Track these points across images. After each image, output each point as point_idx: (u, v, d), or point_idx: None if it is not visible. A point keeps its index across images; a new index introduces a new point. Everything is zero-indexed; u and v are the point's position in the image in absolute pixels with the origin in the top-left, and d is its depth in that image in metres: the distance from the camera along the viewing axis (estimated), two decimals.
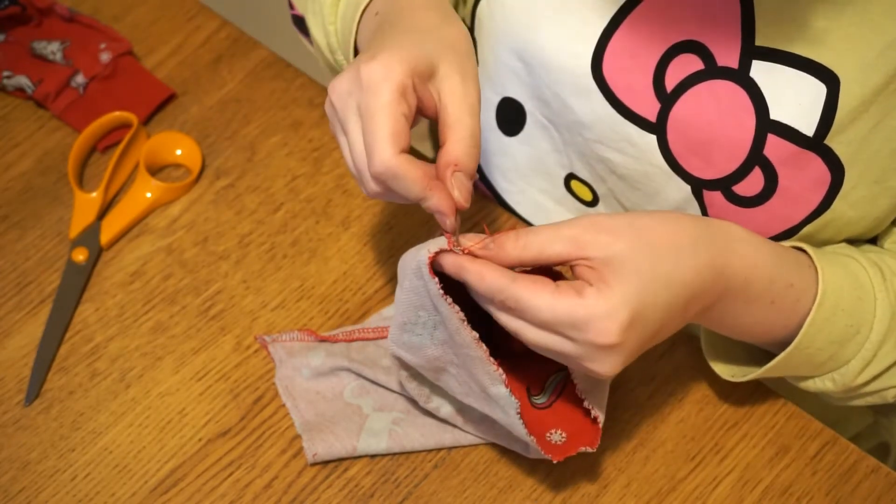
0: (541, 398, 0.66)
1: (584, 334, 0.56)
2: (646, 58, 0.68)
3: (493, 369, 0.61)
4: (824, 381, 0.67)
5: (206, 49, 0.93)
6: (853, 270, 0.65)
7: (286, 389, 0.74)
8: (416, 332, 0.63)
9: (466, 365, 0.62)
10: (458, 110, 0.59)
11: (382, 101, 0.56)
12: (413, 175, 0.57)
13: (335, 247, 0.82)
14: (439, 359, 0.64)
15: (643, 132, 0.70)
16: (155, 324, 0.78)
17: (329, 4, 0.74)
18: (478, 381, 0.63)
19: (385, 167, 0.56)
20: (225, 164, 0.86)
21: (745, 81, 0.65)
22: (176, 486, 0.71)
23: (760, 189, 0.66)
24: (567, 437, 0.65)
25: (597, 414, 0.64)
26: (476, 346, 0.60)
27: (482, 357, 0.60)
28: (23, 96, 0.90)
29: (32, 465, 0.72)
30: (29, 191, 0.85)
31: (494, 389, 0.62)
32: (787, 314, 0.64)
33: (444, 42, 0.61)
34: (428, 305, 0.61)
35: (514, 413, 0.62)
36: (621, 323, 0.55)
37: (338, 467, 0.72)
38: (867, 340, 0.64)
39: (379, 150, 0.56)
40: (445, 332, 0.62)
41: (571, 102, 0.72)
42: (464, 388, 0.65)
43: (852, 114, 0.62)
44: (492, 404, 0.64)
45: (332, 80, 0.79)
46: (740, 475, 0.72)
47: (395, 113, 0.56)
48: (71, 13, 0.92)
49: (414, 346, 0.64)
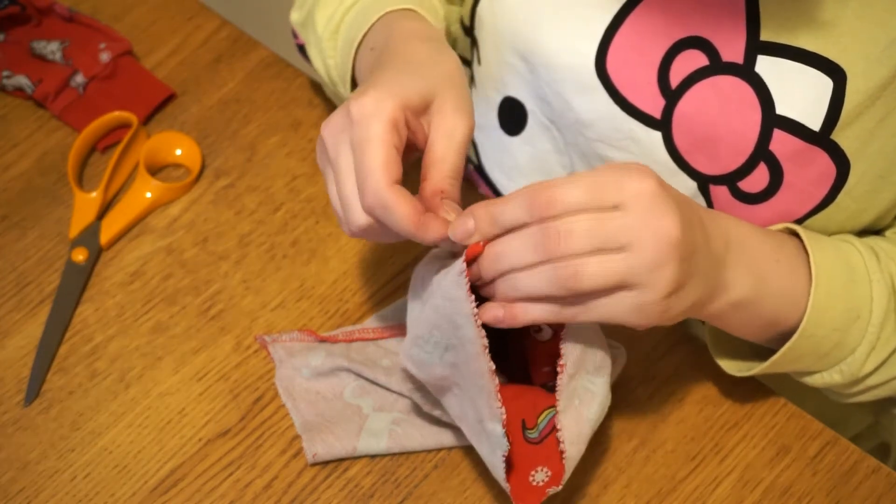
0: (534, 432, 0.65)
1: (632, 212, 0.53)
2: (650, 54, 0.68)
3: (497, 405, 0.59)
4: (832, 373, 0.67)
5: (205, 49, 0.93)
6: (845, 253, 0.65)
7: (286, 389, 0.74)
8: (425, 350, 0.62)
9: (471, 393, 0.61)
10: (444, 148, 0.59)
11: (374, 133, 0.56)
12: (405, 209, 0.56)
13: (335, 247, 0.82)
14: (445, 379, 0.63)
15: (648, 129, 0.70)
16: (155, 324, 0.78)
17: (327, 39, 0.75)
18: (476, 412, 0.62)
19: (377, 197, 0.56)
20: (225, 164, 0.86)
21: (750, 76, 0.65)
22: (176, 487, 0.71)
23: (766, 185, 0.67)
24: (551, 476, 0.63)
25: (563, 448, 0.62)
26: (490, 377, 0.59)
27: (491, 391, 0.59)
28: (22, 96, 0.90)
29: (32, 466, 0.72)
30: (29, 191, 0.85)
31: (491, 426, 0.61)
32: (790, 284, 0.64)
33: (437, 75, 0.61)
34: (444, 326, 0.60)
35: (501, 455, 0.61)
36: (670, 202, 0.54)
37: (338, 467, 0.72)
38: (869, 324, 0.64)
39: (372, 181, 0.56)
40: (457, 356, 0.60)
41: (574, 101, 0.72)
42: (461, 413, 0.64)
43: (858, 108, 0.62)
44: (480, 438, 0.63)
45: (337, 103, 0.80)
46: (740, 475, 0.72)
47: (388, 145, 0.56)
48: (70, 13, 0.92)
49: (422, 362, 0.63)
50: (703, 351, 0.76)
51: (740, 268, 0.61)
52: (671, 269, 0.54)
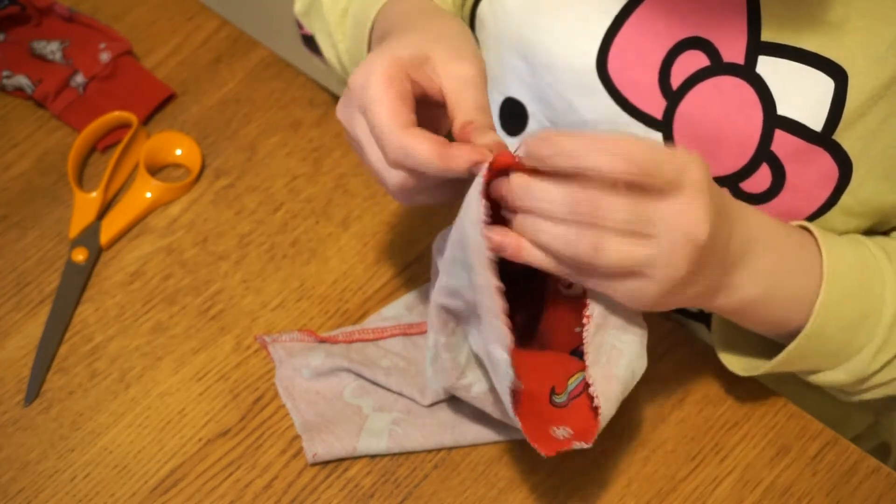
0: (561, 397, 0.63)
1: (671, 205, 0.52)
2: (651, 55, 0.68)
3: (499, 325, 0.56)
4: (837, 372, 0.67)
5: (205, 49, 0.93)
6: (860, 254, 0.65)
7: (286, 389, 0.74)
8: (453, 276, 0.59)
9: (484, 319, 0.58)
10: (456, 89, 0.59)
11: (372, 91, 0.57)
12: (424, 144, 0.55)
13: (335, 247, 0.82)
14: (474, 307, 0.59)
15: (649, 130, 0.70)
16: (155, 324, 0.78)
17: (335, 23, 0.74)
18: (485, 338, 0.58)
19: (395, 146, 0.56)
20: (225, 164, 0.86)
21: (751, 77, 0.65)
22: (176, 487, 0.71)
23: (768, 185, 0.66)
24: (572, 434, 0.61)
25: (598, 404, 0.60)
26: (493, 293, 0.55)
27: (493, 309, 0.56)
28: (22, 96, 0.90)
29: (32, 466, 0.72)
30: (28, 191, 0.85)
31: (497, 353, 0.57)
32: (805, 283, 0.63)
33: (430, 33, 0.61)
34: (460, 241, 0.57)
35: (507, 387, 0.58)
36: (710, 205, 0.52)
37: (338, 467, 0.72)
38: (878, 325, 0.64)
39: (385, 133, 0.56)
40: (472, 274, 0.56)
41: (575, 102, 0.72)
42: (481, 348, 0.61)
43: (861, 108, 0.62)
44: (494, 371, 0.60)
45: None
46: (741, 475, 0.72)
47: (389, 96, 0.57)
48: (70, 13, 0.92)
49: (455, 290, 0.60)
50: (703, 351, 0.76)
51: (755, 269, 0.61)
52: (683, 269, 0.54)
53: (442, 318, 0.63)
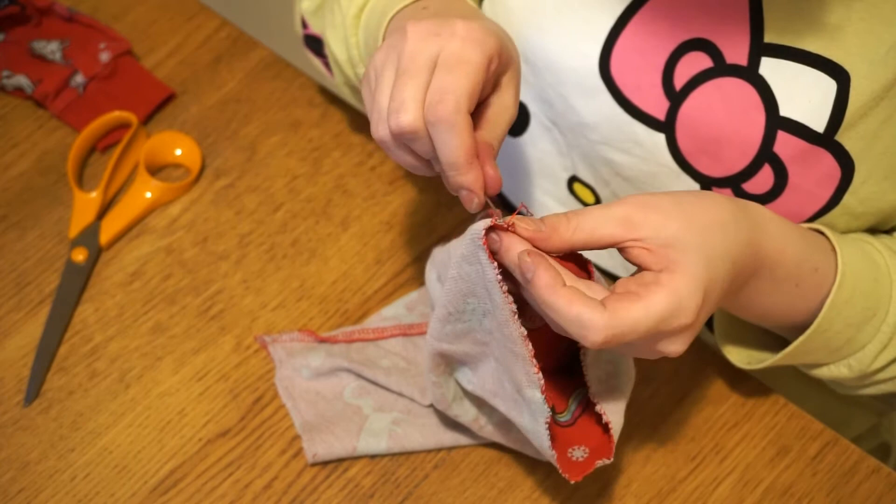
0: (565, 416, 0.64)
1: (675, 321, 0.54)
2: (654, 56, 0.68)
3: (532, 371, 0.58)
4: (839, 367, 0.67)
5: (205, 49, 0.93)
6: (869, 253, 0.65)
7: (286, 390, 0.74)
8: (463, 320, 0.61)
9: (507, 362, 0.60)
10: (502, 108, 0.61)
11: (475, 58, 0.57)
12: (469, 140, 0.57)
13: (335, 247, 0.82)
14: (487, 345, 0.62)
15: (651, 131, 0.69)
16: (155, 324, 0.78)
17: (352, 16, 0.74)
18: (514, 381, 0.60)
19: (449, 114, 0.56)
20: (225, 163, 0.86)
21: (754, 78, 0.65)
22: (176, 487, 0.71)
23: (770, 186, 0.66)
24: (589, 452, 0.63)
25: (608, 420, 0.62)
26: (522, 343, 0.58)
27: (525, 357, 0.58)
28: (22, 96, 0.89)
29: (32, 466, 0.72)
30: (28, 191, 0.85)
31: (530, 393, 0.59)
32: (810, 297, 0.64)
33: (514, 46, 0.63)
34: (479, 292, 0.59)
35: (543, 422, 0.60)
36: (697, 303, 0.54)
37: (338, 467, 0.72)
38: (883, 323, 0.64)
39: (454, 97, 0.56)
40: (492, 322, 0.59)
41: (577, 103, 0.72)
42: (495, 387, 0.63)
43: (863, 109, 0.62)
44: (521, 408, 0.62)
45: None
46: (741, 475, 0.72)
47: (481, 76, 0.57)
48: (70, 13, 0.92)
49: (459, 333, 0.62)
50: (703, 351, 0.76)
51: (763, 286, 0.62)
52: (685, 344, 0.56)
53: (435, 361, 0.66)
